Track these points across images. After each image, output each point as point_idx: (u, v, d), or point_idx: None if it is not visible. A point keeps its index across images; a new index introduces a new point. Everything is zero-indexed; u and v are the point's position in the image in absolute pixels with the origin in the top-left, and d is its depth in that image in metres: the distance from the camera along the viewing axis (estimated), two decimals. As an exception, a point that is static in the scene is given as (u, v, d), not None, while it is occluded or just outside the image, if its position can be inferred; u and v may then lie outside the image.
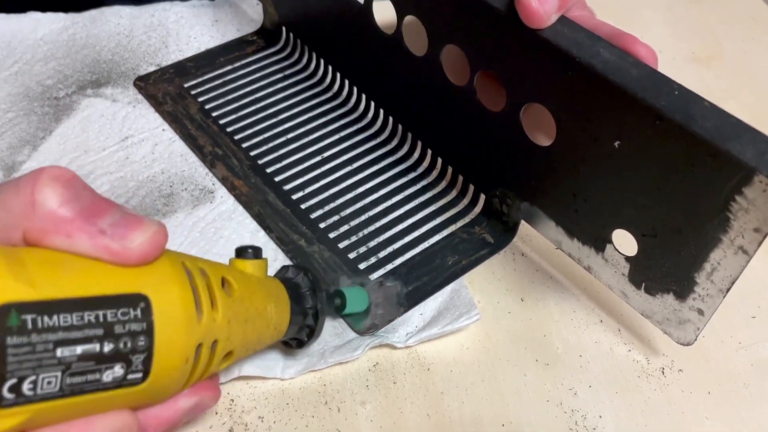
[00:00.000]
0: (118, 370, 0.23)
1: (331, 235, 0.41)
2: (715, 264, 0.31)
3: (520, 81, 0.35)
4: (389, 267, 0.40)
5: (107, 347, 0.22)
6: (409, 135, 0.46)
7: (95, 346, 0.22)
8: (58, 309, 0.21)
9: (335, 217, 0.42)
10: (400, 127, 0.46)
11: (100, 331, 0.22)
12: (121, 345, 0.23)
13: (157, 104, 0.48)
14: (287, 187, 0.44)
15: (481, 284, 0.40)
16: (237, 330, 0.28)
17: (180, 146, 0.46)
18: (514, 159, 0.38)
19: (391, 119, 0.47)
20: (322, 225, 0.42)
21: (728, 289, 0.31)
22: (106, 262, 0.23)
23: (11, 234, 0.23)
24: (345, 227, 0.42)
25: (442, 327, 0.37)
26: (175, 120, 0.47)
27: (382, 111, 0.47)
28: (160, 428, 0.26)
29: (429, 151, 0.45)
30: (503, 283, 0.40)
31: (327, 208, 0.43)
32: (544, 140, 0.36)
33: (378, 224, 0.42)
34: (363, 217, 0.42)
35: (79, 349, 0.22)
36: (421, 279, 0.39)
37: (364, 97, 0.48)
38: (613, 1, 0.57)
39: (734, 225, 0.29)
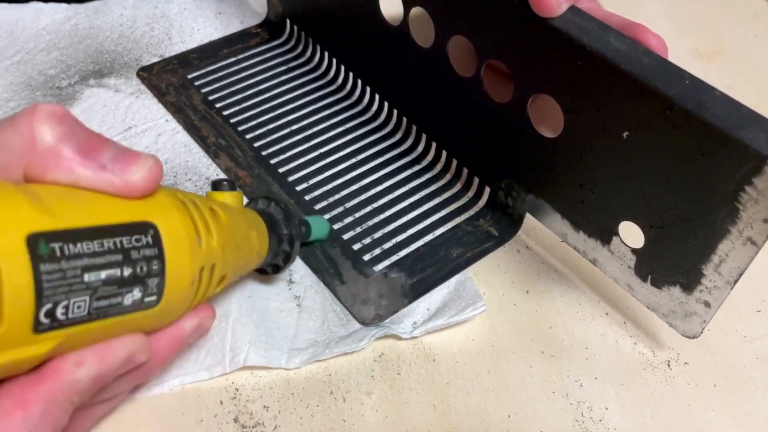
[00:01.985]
0: (136, 293, 0.24)
1: (336, 226, 0.41)
2: (723, 255, 0.31)
3: (529, 71, 0.35)
4: (394, 258, 0.40)
5: (126, 271, 0.24)
6: (414, 127, 0.46)
7: (116, 271, 0.23)
8: (81, 237, 0.22)
9: (339, 209, 0.42)
10: (404, 119, 0.46)
11: (119, 257, 0.23)
12: (138, 269, 0.24)
13: (160, 95, 0.48)
14: (291, 178, 0.43)
15: (486, 276, 0.40)
16: (230, 255, 0.29)
17: (183, 137, 0.45)
18: (520, 150, 0.38)
19: (395, 111, 0.47)
20: (326, 216, 0.41)
21: (736, 281, 0.31)
22: (110, 194, 0.24)
23: (12, 171, 0.24)
24: (349, 218, 0.41)
25: (448, 318, 0.36)
26: (178, 111, 0.47)
27: (386, 103, 0.47)
28: (169, 349, 0.28)
29: (433, 144, 0.45)
30: (508, 276, 0.40)
31: (331, 199, 0.42)
32: (548, 133, 0.36)
33: (382, 216, 0.42)
34: (367, 209, 0.42)
35: (103, 274, 0.23)
36: (426, 271, 0.39)
37: (368, 89, 0.48)
38: (617, -3, 0.57)
39: (743, 216, 0.29)
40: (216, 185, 0.33)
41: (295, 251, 0.35)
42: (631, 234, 0.35)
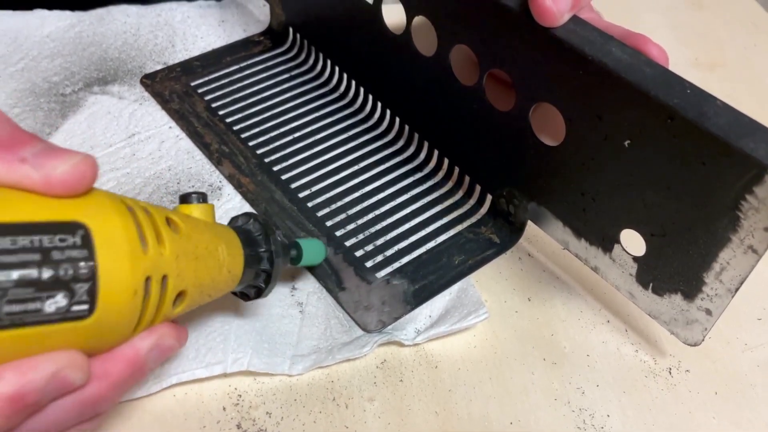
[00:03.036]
0: (60, 299, 0.22)
1: (338, 233, 0.41)
2: (725, 263, 0.31)
3: (531, 80, 0.35)
4: (396, 265, 0.40)
5: (46, 273, 0.21)
6: (416, 135, 0.46)
7: (32, 272, 0.21)
8: None
9: (342, 216, 0.42)
10: (406, 127, 0.46)
11: (36, 257, 0.21)
12: (61, 272, 0.22)
13: (163, 102, 0.48)
14: (294, 185, 0.44)
15: (487, 283, 0.40)
16: (187, 267, 0.27)
17: (187, 144, 0.46)
18: (522, 159, 0.39)
19: (397, 119, 0.47)
20: (328, 223, 0.42)
21: (737, 289, 0.31)
22: (29, 191, 0.22)
23: None
24: (351, 225, 0.42)
25: (451, 325, 0.37)
26: (181, 118, 0.47)
27: (388, 111, 0.47)
28: (122, 371, 0.25)
29: (435, 152, 0.45)
30: (510, 283, 0.40)
31: (333, 206, 0.43)
32: (550, 141, 0.36)
33: (384, 223, 0.42)
34: (369, 216, 0.42)
35: (14, 274, 0.21)
36: (428, 278, 0.39)
37: (370, 97, 0.48)
38: (616, 7, 0.58)
39: (744, 224, 0.29)
40: (184, 198, 0.30)
41: (277, 271, 0.32)
42: (633, 242, 0.35)
